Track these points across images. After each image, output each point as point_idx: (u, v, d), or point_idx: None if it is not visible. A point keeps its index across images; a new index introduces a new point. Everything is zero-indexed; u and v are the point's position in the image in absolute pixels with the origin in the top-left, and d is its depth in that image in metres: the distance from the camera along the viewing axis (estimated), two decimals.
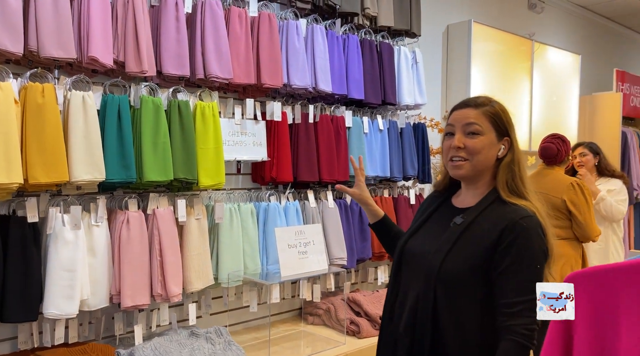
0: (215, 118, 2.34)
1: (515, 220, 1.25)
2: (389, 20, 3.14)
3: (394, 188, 3.36)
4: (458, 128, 1.37)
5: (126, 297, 2.03)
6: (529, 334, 1.20)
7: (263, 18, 2.53)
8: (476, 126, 1.34)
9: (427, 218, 1.47)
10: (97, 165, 1.96)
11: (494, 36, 4.14)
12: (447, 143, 1.39)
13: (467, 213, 1.36)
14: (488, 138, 1.35)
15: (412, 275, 1.39)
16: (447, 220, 1.39)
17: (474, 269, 1.27)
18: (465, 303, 1.28)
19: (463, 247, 1.30)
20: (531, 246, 1.24)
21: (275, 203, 2.64)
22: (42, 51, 1.84)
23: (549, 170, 3.15)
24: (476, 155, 1.34)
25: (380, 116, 3.15)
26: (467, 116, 1.36)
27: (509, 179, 1.34)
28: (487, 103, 1.38)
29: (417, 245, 1.42)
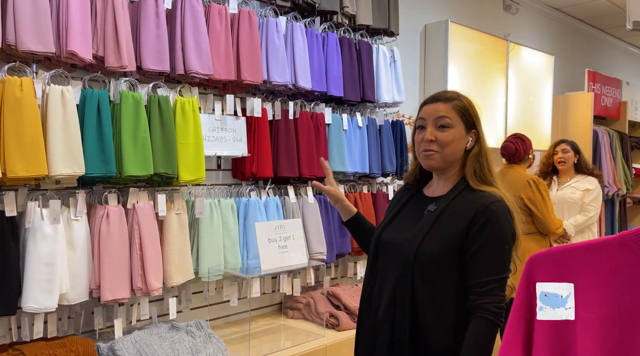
0: (195, 114, 2.36)
1: (486, 205, 1.33)
2: (368, 19, 3.19)
3: (373, 185, 3.41)
4: (429, 121, 1.43)
5: (106, 291, 2.03)
6: (498, 312, 1.28)
7: (243, 15, 2.55)
8: (447, 119, 1.41)
9: (400, 210, 1.53)
10: (76, 160, 1.96)
11: (470, 36, 4.23)
12: (419, 137, 1.46)
13: (439, 201, 1.43)
14: (458, 131, 1.42)
15: (389, 263, 1.45)
16: (421, 209, 1.45)
17: (449, 252, 1.34)
18: (441, 285, 1.35)
19: (438, 231, 1.36)
20: (501, 229, 1.32)
21: (256, 198, 2.66)
22: (21, 45, 1.83)
23: (509, 168, 3.31)
24: (447, 147, 1.41)
25: (359, 113, 3.20)
26: (438, 110, 1.43)
27: (477, 169, 1.42)
28: (455, 97, 1.45)
29: (393, 234, 1.47)
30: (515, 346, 0.88)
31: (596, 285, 0.81)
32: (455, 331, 1.34)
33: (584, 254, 0.84)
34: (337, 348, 2.50)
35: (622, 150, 5.68)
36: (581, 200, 3.70)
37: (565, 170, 3.83)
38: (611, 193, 5.35)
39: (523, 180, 3.17)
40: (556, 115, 5.33)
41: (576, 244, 0.85)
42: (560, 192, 3.78)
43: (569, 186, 3.78)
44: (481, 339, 1.28)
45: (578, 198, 3.71)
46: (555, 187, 3.86)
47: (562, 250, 0.86)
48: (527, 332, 0.90)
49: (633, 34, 6.56)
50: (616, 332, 0.78)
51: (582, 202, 3.71)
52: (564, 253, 0.86)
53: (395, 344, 1.38)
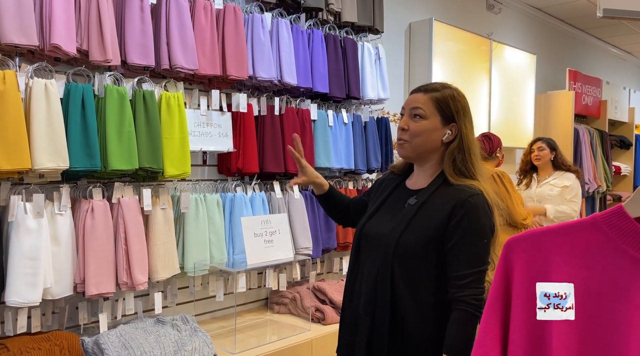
0: (180, 109, 2.36)
1: (464, 199, 1.34)
2: (353, 16, 3.21)
3: (358, 180, 3.44)
4: (407, 111, 1.47)
5: (91, 285, 2.02)
6: (478, 304, 1.29)
7: (228, 10, 2.56)
8: (420, 110, 1.43)
9: (383, 202, 1.54)
10: (60, 153, 1.95)
11: (454, 35, 4.28)
12: (399, 125, 1.51)
13: (419, 194, 1.44)
14: (431, 123, 1.43)
15: (370, 256, 1.46)
16: (402, 202, 1.47)
17: (428, 244, 1.35)
18: (421, 278, 1.36)
19: (417, 224, 1.38)
20: (479, 221, 1.33)
21: (242, 194, 2.67)
22: (3, 37, 1.82)
23: None
24: (416, 137, 1.43)
25: (344, 110, 3.23)
26: (416, 100, 1.45)
27: (458, 163, 1.41)
28: (438, 88, 1.46)
29: (374, 227, 1.48)
30: (494, 327, 0.91)
31: (568, 265, 0.84)
32: (435, 323, 1.35)
33: (558, 235, 0.87)
34: (323, 342, 2.52)
35: (602, 148, 5.79)
36: (560, 197, 3.78)
37: (542, 167, 3.92)
38: (592, 191, 5.45)
39: (488, 174, 3.29)
40: (538, 114, 5.41)
41: (551, 226, 0.88)
42: (539, 189, 3.86)
43: (547, 183, 3.86)
44: (462, 331, 1.29)
45: (557, 195, 3.79)
46: (535, 185, 3.94)
47: (539, 232, 0.89)
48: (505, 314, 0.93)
49: (613, 34, 6.69)
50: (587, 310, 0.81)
51: (564, 198, 3.79)
52: (540, 235, 0.88)
53: (374, 336, 1.39)
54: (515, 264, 0.92)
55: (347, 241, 3.17)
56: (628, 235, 0.80)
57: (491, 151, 3.46)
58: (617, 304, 0.80)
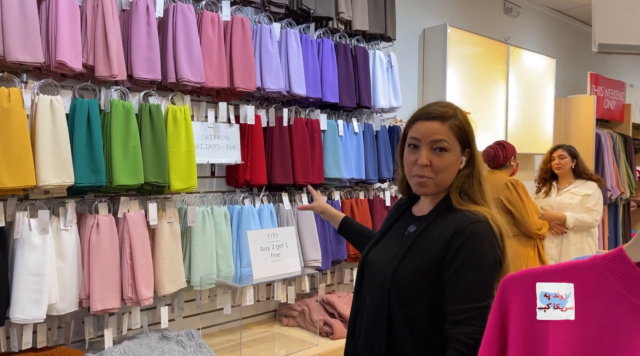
0: (187, 122, 2.35)
1: (464, 225, 1.23)
2: (364, 24, 3.17)
3: (370, 190, 3.39)
4: (424, 143, 1.30)
5: (95, 301, 2.03)
6: (473, 344, 1.15)
7: (236, 22, 2.55)
8: (444, 143, 1.29)
9: (388, 229, 1.46)
10: (65, 169, 1.95)
11: (469, 40, 4.20)
12: (412, 158, 1.32)
13: (420, 221, 1.35)
14: (454, 155, 1.31)
15: (371, 285, 1.38)
16: (404, 229, 1.39)
17: (425, 275, 1.25)
18: (419, 311, 1.26)
19: (415, 254, 1.28)
20: (479, 251, 1.21)
21: (250, 206, 2.65)
22: (8, 55, 1.83)
23: (491, 174, 3.38)
24: (442, 173, 1.30)
25: (355, 119, 3.19)
26: (435, 131, 1.29)
27: (464, 188, 1.32)
28: (452, 115, 1.32)
29: (376, 256, 1.40)
30: None
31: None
32: None
33: (556, 276, 0.82)
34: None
35: (625, 153, 5.62)
36: (580, 206, 3.67)
37: (563, 175, 3.81)
38: (614, 197, 5.29)
39: (502, 183, 3.25)
40: (558, 119, 5.28)
41: (549, 267, 0.83)
42: (559, 198, 3.75)
43: (567, 192, 3.75)
44: None
45: (577, 204, 3.68)
46: (555, 193, 3.83)
47: (536, 273, 0.84)
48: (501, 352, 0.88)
49: None
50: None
51: (585, 207, 3.67)
52: (538, 275, 0.84)
53: None
54: (512, 304, 0.87)
55: (357, 253, 3.13)
56: (629, 280, 0.75)
57: (505, 159, 3.39)
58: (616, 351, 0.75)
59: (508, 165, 3.41)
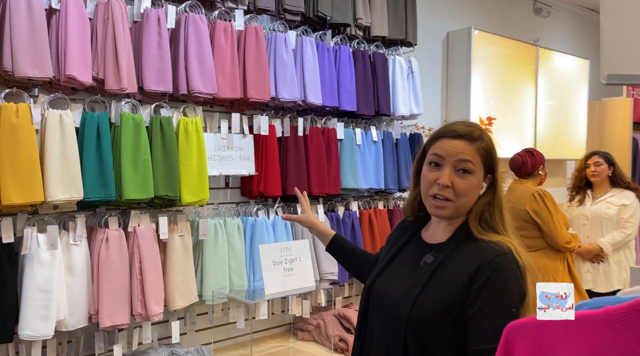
0: (198, 134, 2.32)
1: (490, 258, 1.13)
2: (383, 30, 3.08)
3: (389, 200, 3.30)
4: (448, 162, 1.20)
5: (104, 317, 2.01)
6: None
7: (250, 31, 2.50)
8: (469, 164, 1.19)
9: (395, 254, 1.34)
10: (74, 184, 1.94)
11: (496, 43, 4.05)
12: (432, 176, 1.22)
13: (437, 250, 1.24)
14: (477, 178, 1.21)
15: (380, 320, 1.27)
16: (418, 258, 1.27)
17: (446, 313, 1.15)
18: (438, 350, 1.16)
19: (434, 288, 1.18)
20: (506, 287, 1.12)
21: (263, 217, 2.60)
22: (17, 71, 1.83)
23: (517, 183, 3.24)
24: (463, 196, 1.20)
25: (374, 127, 3.10)
26: (462, 151, 1.20)
27: (484, 216, 1.22)
28: (479, 136, 1.22)
29: (385, 286, 1.29)
30: None
31: None
32: None
33: (566, 329, 0.73)
34: None
35: None
36: (617, 216, 3.47)
37: (599, 183, 3.60)
38: None
39: (528, 193, 3.09)
40: (592, 123, 5.05)
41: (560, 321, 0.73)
42: (595, 207, 3.55)
43: (603, 201, 3.55)
44: None
45: (614, 214, 3.48)
46: (589, 202, 3.63)
47: (543, 323, 0.75)
48: None
49: None
50: None
51: (619, 218, 3.47)
52: (546, 326, 0.74)
53: None
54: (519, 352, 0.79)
55: None
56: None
57: (533, 168, 3.22)
58: None
59: (536, 174, 3.25)
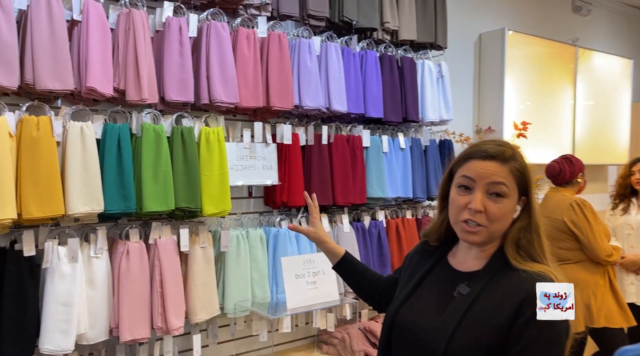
0: (220, 144, 2.28)
1: (534, 292, 1.04)
2: (412, 33, 2.98)
3: (418, 208, 3.19)
4: (480, 185, 1.11)
5: (125, 331, 1.99)
6: None
7: (273, 39, 2.44)
8: (503, 187, 1.11)
9: (420, 281, 1.24)
10: (95, 197, 1.93)
11: (532, 44, 3.88)
12: (462, 200, 1.13)
13: (473, 280, 1.13)
14: (511, 202, 1.12)
15: (407, 354, 1.18)
16: (448, 287, 1.17)
17: (487, 349, 1.05)
18: None
19: (472, 322, 1.08)
20: (554, 323, 1.03)
21: (286, 228, 2.54)
22: (38, 84, 1.83)
23: (554, 192, 3.05)
24: (497, 221, 1.11)
25: (401, 134, 3.00)
26: (494, 173, 1.11)
27: (521, 243, 1.12)
28: (511, 156, 1.14)
29: (412, 317, 1.19)
30: None
31: None
32: None
33: None
34: None
35: None
36: None
37: None
38: None
39: (566, 202, 2.89)
40: (636, 125, 4.80)
41: None
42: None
43: None
44: None
45: None
46: (635, 211, 3.42)
47: None
48: None
49: None
50: None
51: None
52: None
53: None
54: None
55: None
56: None
57: (572, 176, 3.05)
58: None
59: (574, 182, 3.07)
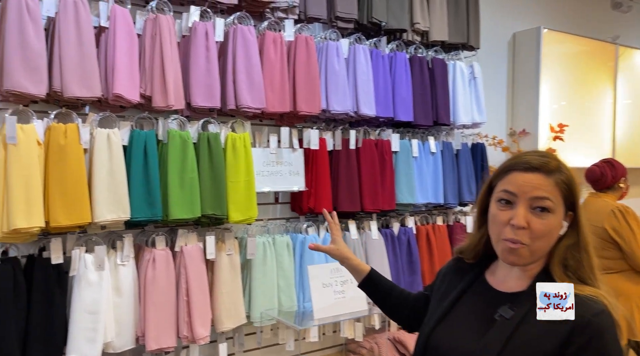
0: (246, 150, 2.24)
1: (587, 318, 0.96)
2: (443, 34, 2.89)
3: (449, 215, 3.09)
4: (522, 200, 1.03)
5: (151, 339, 1.97)
6: None
7: (300, 42, 2.40)
8: (548, 202, 1.02)
9: (455, 300, 1.15)
10: (121, 204, 1.92)
11: (569, 42, 3.72)
12: (504, 216, 1.04)
13: (515, 302, 1.04)
14: (557, 218, 1.03)
15: None
16: (487, 308, 1.08)
17: None
18: None
19: (517, 349, 0.99)
20: (607, 352, 0.95)
21: (313, 235, 2.49)
22: (66, 91, 1.82)
23: (594, 197, 2.90)
24: (541, 239, 1.02)
25: (432, 137, 2.91)
26: (537, 186, 1.03)
27: (569, 264, 1.04)
28: (556, 167, 1.05)
29: (448, 340, 1.11)
30: None
31: None
32: None
33: None
34: None
35: None
36: None
37: None
38: None
39: (607, 209, 2.75)
40: None
41: None
42: None
43: None
44: None
45: None
46: None
47: None
48: None
49: None
50: None
51: None
52: None
53: None
54: None
55: None
56: None
57: (614, 180, 2.90)
58: None
59: (616, 187, 2.92)
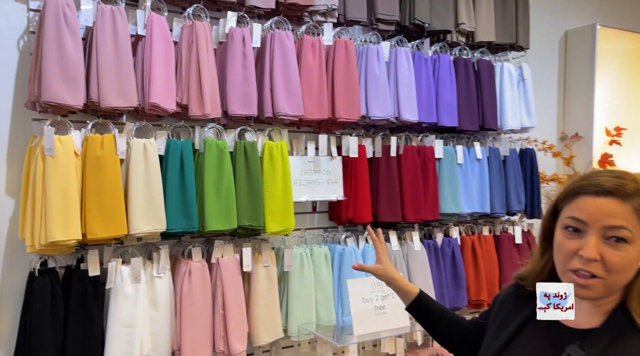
0: (284, 159, 2.17)
1: None
2: (489, 34, 2.74)
3: (496, 224, 2.94)
4: (593, 228, 0.90)
5: (186, 354, 1.93)
6: None
7: (339, 46, 2.31)
8: (625, 232, 0.89)
9: (516, 333, 1.05)
10: (157, 216, 1.88)
11: (622, 39, 3.49)
12: (571, 246, 0.93)
13: (587, 341, 0.93)
14: (636, 248, 0.90)
15: None
16: (553, 345, 0.97)
17: None
18: None
19: None
20: None
21: (352, 246, 2.40)
22: (103, 101, 1.80)
23: None
24: (617, 273, 0.90)
25: (478, 143, 2.77)
26: (611, 213, 0.90)
27: None
28: (635, 190, 0.91)
29: None
30: None
31: None
32: None
33: None
34: None
35: None
36: None
37: None
38: None
39: None
40: None
41: None
42: None
43: None
44: None
45: None
46: None
47: None
48: None
49: None
50: None
51: None
52: None
53: None
54: None
55: (479, 298, 2.71)
56: None
57: None
58: None
59: None
